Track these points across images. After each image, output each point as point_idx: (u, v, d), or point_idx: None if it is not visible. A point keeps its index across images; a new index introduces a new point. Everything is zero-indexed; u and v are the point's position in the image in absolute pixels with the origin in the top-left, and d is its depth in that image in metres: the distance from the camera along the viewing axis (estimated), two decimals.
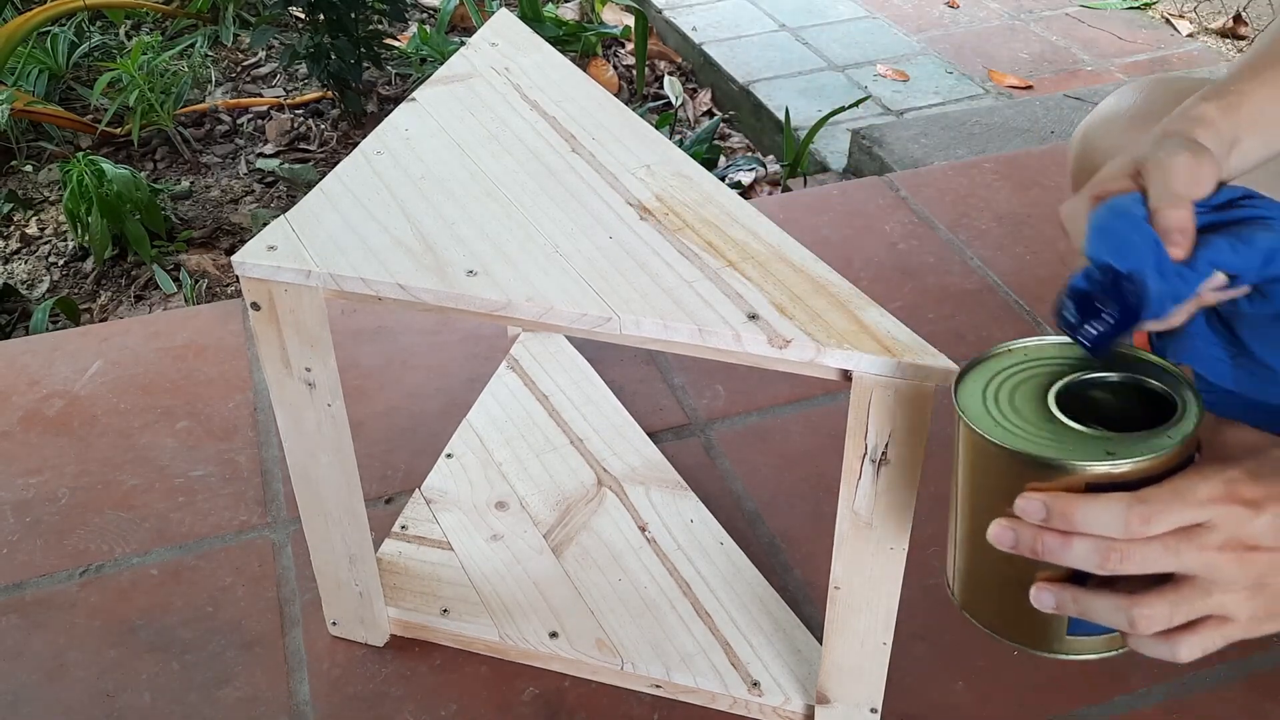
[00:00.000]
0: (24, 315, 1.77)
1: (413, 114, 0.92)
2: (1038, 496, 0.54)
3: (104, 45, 2.48)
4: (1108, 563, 0.53)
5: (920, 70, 2.34)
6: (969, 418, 0.58)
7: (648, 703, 0.93)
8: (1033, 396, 0.59)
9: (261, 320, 0.77)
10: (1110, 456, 0.53)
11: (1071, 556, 0.54)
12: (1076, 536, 0.53)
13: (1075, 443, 0.55)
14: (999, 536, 0.56)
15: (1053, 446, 0.55)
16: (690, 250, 0.76)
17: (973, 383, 0.61)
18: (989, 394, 0.60)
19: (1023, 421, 0.57)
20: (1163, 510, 0.52)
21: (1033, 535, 0.55)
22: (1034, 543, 0.55)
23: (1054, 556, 0.54)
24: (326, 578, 0.94)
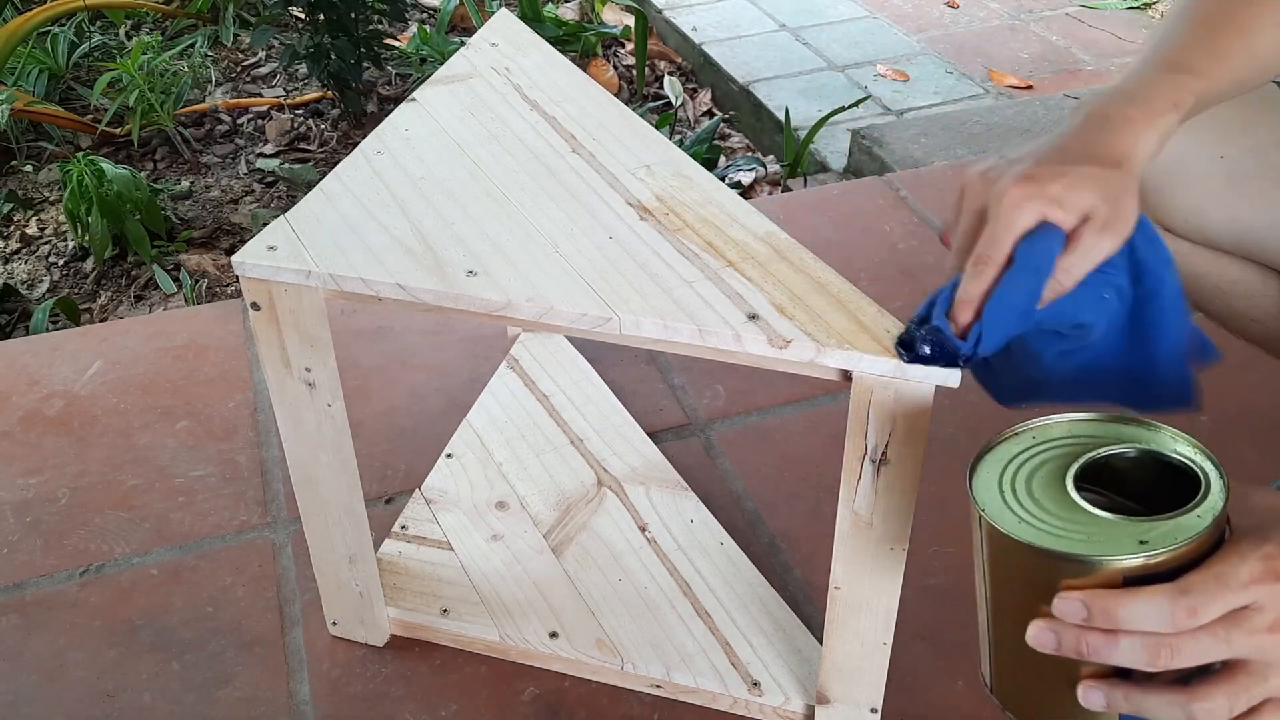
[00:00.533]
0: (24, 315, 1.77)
1: (413, 114, 0.92)
2: (1076, 596, 0.52)
3: (104, 45, 2.48)
4: (1158, 660, 0.51)
5: (920, 70, 2.34)
6: (991, 515, 0.55)
7: (648, 703, 0.93)
8: (1051, 482, 0.57)
9: (261, 320, 0.77)
10: (1144, 547, 0.52)
11: (1119, 656, 0.52)
12: (1122, 635, 0.51)
13: (1105, 533, 0.53)
14: (1039, 639, 0.54)
15: (1083, 541, 0.53)
16: (690, 250, 0.76)
17: (986, 473, 0.58)
18: (1005, 484, 0.57)
19: (1045, 513, 0.55)
20: (1208, 599, 0.50)
21: (1076, 636, 0.52)
22: (1078, 644, 0.52)
23: (1100, 657, 0.52)
24: (326, 578, 0.94)
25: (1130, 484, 0.58)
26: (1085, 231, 0.64)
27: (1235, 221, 0.86)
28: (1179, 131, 0.85)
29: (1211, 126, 0.85)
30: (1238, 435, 1.15)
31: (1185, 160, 0.86)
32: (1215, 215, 0.86)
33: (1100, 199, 0.64)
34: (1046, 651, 0.54)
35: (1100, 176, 0.64)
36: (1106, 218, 0.64)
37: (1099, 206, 0.64)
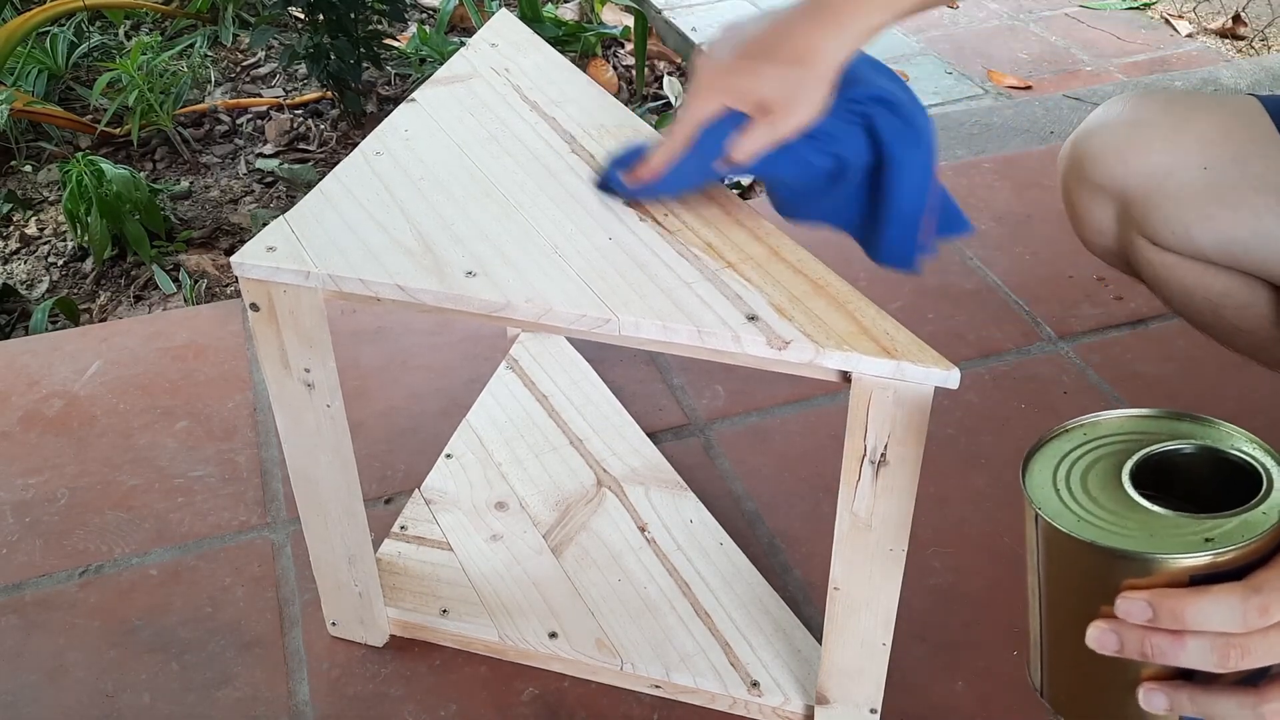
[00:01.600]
0: (24, 315, 1.77)
1: (412, 114, 0.92)
2: (1140, 596, 0.50)
3: (103, 45, 2.48)
4: (1228, 661, 0.49)
5: (920, 70, 2.34)
6: (1048, 514, 0.54)
7: (647, 703, 0.93)
8: (1107, 480, 0.55)
9: (261, 321, 0.77)
10: (1211, 545, 0.50)
11: (1187, 657, 0.50)
12: (1190, 635, 0.49)
13: (1167, 531, 0.52)
14: (1101, 641, 0.52)
15: (1147, 539, 0.51)
16: (689, 251, 0.76)
17: (1039, 471, 0.57)
18: (1059, 482, 0.56)
19: (1103, 510, 0.53)
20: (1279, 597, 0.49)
21: (1140, 637, 0.51)
22: (1142, 645, 0.51)
23: (1166, 658, 0.50)
24: (326, 578, 0.94)
25: (1186, 481, 0.56)
26: (758, 123, 0.76)
27: (1221, 233, 0.86)
28: (1161, 145, 0.87)
29: (1195, 139, 0.87)
30: None
31: (1169, 174, 0.87)
32: (1200, 227, 0.87)
33: (777, 93, 0.75)
34: (1107, 654, 0.52)
35: (783, 73, 0.76)
36: (780, 108, 0.76)
37: (775, 99, 0.75)
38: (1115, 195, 0.91)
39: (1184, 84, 2.07)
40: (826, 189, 0.80)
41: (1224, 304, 0.92)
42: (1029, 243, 1.49)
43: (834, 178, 0.79)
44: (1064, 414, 1.24)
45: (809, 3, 0.77)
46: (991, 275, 1.43)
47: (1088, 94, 2.05)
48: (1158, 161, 0.87)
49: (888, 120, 0.77)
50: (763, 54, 0.76)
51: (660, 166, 0.78)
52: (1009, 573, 1.03)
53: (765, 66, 0.76)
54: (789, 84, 0.75)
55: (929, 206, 0.80)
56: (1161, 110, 0.90)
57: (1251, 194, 0.85)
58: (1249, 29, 2.47)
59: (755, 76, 0.76)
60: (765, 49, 0.77)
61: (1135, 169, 0.89)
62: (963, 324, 1.35)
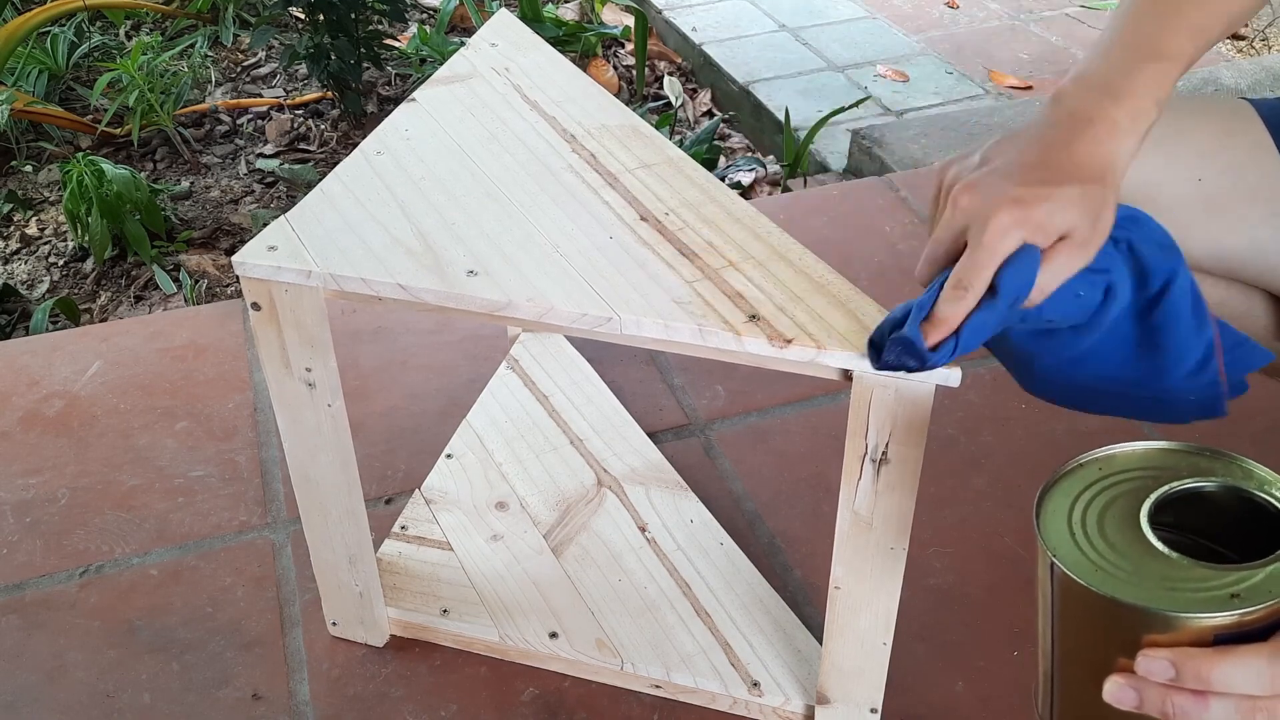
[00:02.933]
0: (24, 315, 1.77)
1: (413, 114, 0.92)
2: (1163, 654, 0.49)
3: (104, 45, 2.48)
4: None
5: (920, 70, 2.34)
6: (1065, 563, 0.51)
7: (648, 703, 0.93)
8: (1124, 521, 0.53)
9: (261, 320, 0.77)
10: (1238, 602, 0.49)
11: (1210, 718, 0.49)
12: (1214, 697, 0.48)
13: (1190, 583, 0.50)
14: (1119, 697, 0.51)
15: (1169, 595, 0.50)
16: (690, 250, 0.76)
17: (1054, 512, 0.54)
18: (1075, 524, 0.54)
19: (1120, 558, 0.51)
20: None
21: (1161, 696, 0.49)
22: (1163, 705, 0.49)
23: (1189, 719, 0.49)
24: (326, 578, 0.93)
25: (1206, 517, 0.55)
26: (1061, 249, 0.64)
27: (1216, 242, 0.85)
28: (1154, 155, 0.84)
29: (1188, 148, 0.85)
30: (1236, 438, 1.15)
31: (1162, 183, 0.86)
32: (1195, 237, 0.86)
33: (1081, 218, 0.64)
34: (1125, 709, 0.51)
35: (1083, 195, 0.65)
36: (1085, 236, 0.65)
37: (1079, 226, 0.64)
38: None
39: (1184, 84, 2.07)
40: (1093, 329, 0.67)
41: (1221, 314, 0.91)
42: None
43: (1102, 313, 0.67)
44: (1065, 414, 1.24)
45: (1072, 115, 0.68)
46: None
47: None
48: (1150, 172, 0.85)
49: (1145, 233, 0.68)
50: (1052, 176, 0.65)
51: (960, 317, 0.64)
52: (1009, 573, 1.03)
53: (1062, 189, 0.65)
54: (1090, 207, 0.65)
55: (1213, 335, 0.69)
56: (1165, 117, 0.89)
57: (1245, 205, 0.85)
58: (1249, 29, 2.47)
59: (1056, 203, 0.64)
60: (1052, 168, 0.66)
61: (1127, 181, 0.88)
62: None
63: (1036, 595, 0.55)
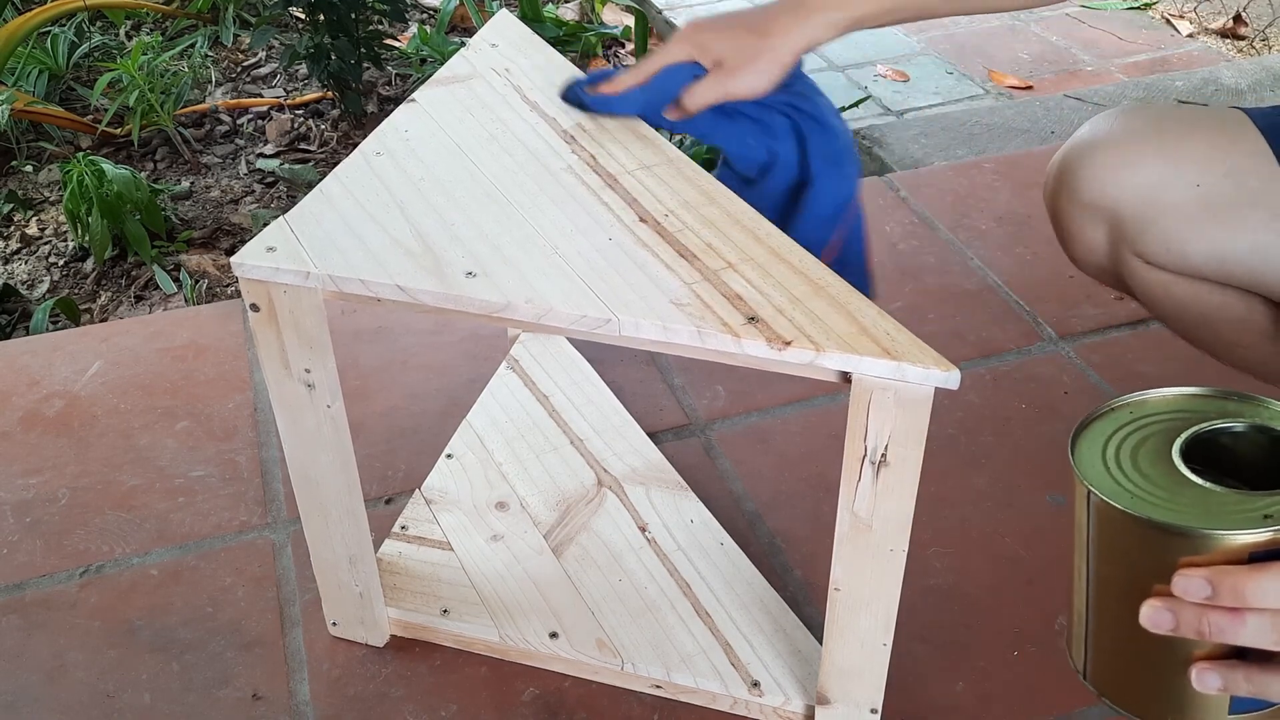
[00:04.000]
0: (24, 315, 1.77)
1: (412, 115, 0.92)
2: (1200, 573, 0.49)
3: (104, 45, 2.48)
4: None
5: (920, 70, 2.34)
6: (1101, 491, 0.52)
7: (648, 703, 0.93)
8: (1157, 457, 0.54)
9: (261, 321, 0.77)
10: (1270, 521, 0.49)
11: (1246, 635, 0.49)
12: (1250, 613, 0.49)
13: (1224, 508, 0.51)
14: (1156, 620, 0.51)
15: (1204, 516, 0.50)
16: (690, 251, 0.76)
17: (1087, 450, 0.55)
18: (1109, 460, 0.55)
19: (1156, 488, 0.52)
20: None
21: (1197, 616, 0.50)
22: (1199, 624, 0.50)
23: (1225, 637, 0.50)
24: (326, 578, 0.94)
25: (1236, 459, 0.56)
26: (713, 73, 0.89)
27: (1215, 248, 0.87)
28: (1153, 161, 0.87)
29: (1187, 155, 0.87)
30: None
31: (1162, 190, 0.87)
32: (1195, 243, 0.87)
33: (736, 53, 0.88)
34: (1161, 632, 0.51)
35: (745, 40, 0.88)
36: (733, 68, 0.88)
37: (732, 58, 0.88)
38: (1106, 214, 0.91)
39: (1184, 84, 2.07)
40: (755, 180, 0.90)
41: (1220, 319, 0.92)
42: (1029, 243, 1.49)
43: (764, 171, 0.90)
44: (1065, 414, 1.24)
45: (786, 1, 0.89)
46: (992, 275, 1.43)
47: (1088, 94, 2.05)
48: (1149, 179, 0.88)
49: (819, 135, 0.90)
50: (734, 23, 0.90)
51: (620, 88, 0.90)
52: (1009, 573, 1.03)
53: (731, 31, 0.89)
54: (747, 50, 0.88)
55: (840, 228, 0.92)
56: (1151, 127, 0.90)
57: (1245, 209, 0.85)
58: (1250, 29, 2.47)
59: (719, 36, 0.89)
60: (738, 21, 0.90)
61: (1127, 187, 0.89)
62: (963, 324, 1.35)
63: (1073, 540, 0.56)
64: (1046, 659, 0.96)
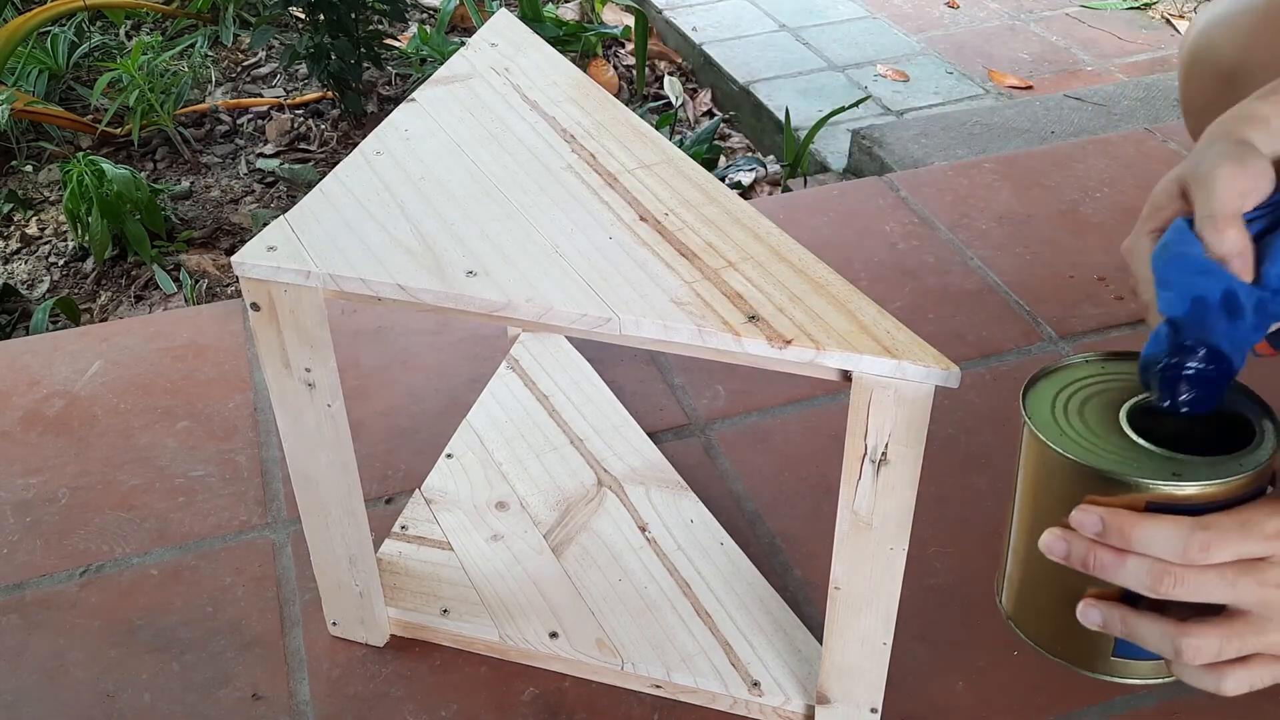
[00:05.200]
0: (24, 315, 1.77)
1: (412, 114, 0.92)
2: (1095, 510, 0.53)
3: (104, 45, 2.48)
4: (1160, 585, 0.51)
5: (920, 70, 2.34)
6: (1035, 424, 0.57)
7: (648, 703, 0.93)
8: (1104, 411, 0.58)
9: (261, 321, 0.77)
10: (1176, 478, 0.52)
11: (1124, 575, 0.52)
12: (1132, 555, 0.52)
13: (1141, 460, 0.54)
14: (1051, 546, 0.55)
15: (1117, 461, 0.54)
16: (690, 250, 0.76)
17: (1043, 391, 0.59)
18: (1059, 404, 0.58)
19: (1089, 434, 0.56)
20: (1224, 540, 0.50)
21: (1086, 548, 0.53)
22: (1086, 556, 0.53)
23: (1105, 573, 0.53)
24: (326, 578, 0.94)
25: (1186, 430, 0.57)
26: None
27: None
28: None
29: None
30: None
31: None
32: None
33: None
34: (1054, 559, 0.55)
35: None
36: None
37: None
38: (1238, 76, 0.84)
39: None
40: None
41: None
42: (1029, 243, 1.49)
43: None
44: None
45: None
46: (992, 275, 1.43)
47: (1088, 94, 2.05)
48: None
49: None
50: None
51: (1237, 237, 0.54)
52: None
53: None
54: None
55: None
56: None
57: None
58: None
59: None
60: None
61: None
62: (963, 324, 1.35)
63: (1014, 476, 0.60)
64: (1046, 659, 0.96)
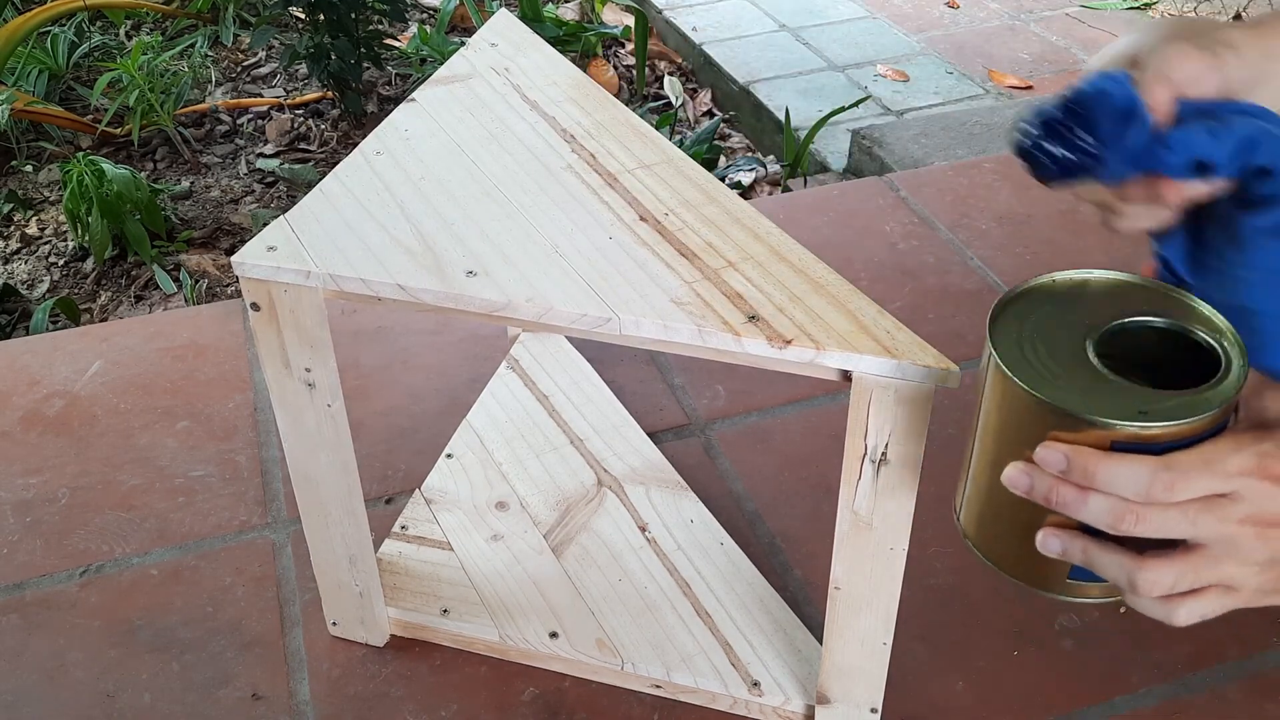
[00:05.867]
0: (24, 315, 1.77)
1: (412, 114, 0.92)
2: (1060, 448, 0.53)
3: (104, 45, 2.48)
4: (1121, 524, 0.52)
5: (920, 70, 2.34)
6: (1002, 358, 0.55)
7: (648, 703, 0.93)
8: (1072, 339, 0.57)
9: (261, 321, 0.77)
10: (1142, 416, 0.52)
11: (1086, 512, 0.53)
12: (1094, 493, 0.52)
13: (1109, 396, 0.53)
14: (1014, 480, 0.55)
15: (1083, 399, 0.53)
16: (690, 250, 0.76)
17: (1010, 318, 0.58)
18: (1025, 333, 0.57)
19: (1057, 366, 0.55)
20: (1188, 480, 0.51)
21: (1049, 485, 0.54)
22: (1049, 492, 0.54)
23: (1068, 510, 0.53)
24: (327, 578, 0.94)
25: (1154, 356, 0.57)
26: None
27: None
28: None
29: None
30: None
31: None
32: None
33: None
34: (1018, 493, 0.55)
35: None
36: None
37: None
38: None
39: None
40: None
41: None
42: (1029, 243, 1.49)
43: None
44: None
45: None
46: (992, 275, 1.43)
47: None
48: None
49: None
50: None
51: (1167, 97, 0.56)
52: None
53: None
54: None
55: None
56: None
57: None
58: None
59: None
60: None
61: None
62: (963, 324, 1.35)
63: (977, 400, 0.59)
64: (1046, 659, 0.96)
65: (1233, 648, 0.97)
